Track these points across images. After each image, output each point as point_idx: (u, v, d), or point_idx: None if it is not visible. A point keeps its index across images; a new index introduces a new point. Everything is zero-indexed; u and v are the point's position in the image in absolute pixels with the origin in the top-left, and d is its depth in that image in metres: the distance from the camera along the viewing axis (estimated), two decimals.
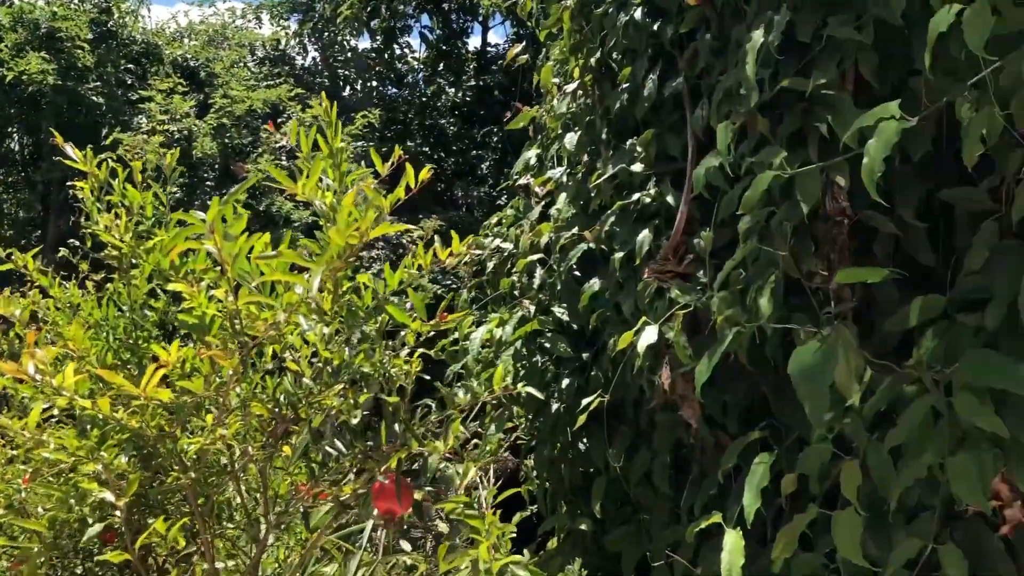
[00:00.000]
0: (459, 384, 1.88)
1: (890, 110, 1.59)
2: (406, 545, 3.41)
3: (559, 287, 2.88)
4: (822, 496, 1.92)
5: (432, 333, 1.63)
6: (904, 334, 1.89)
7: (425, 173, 1.54)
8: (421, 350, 1.99)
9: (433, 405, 1.64)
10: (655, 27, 2.47)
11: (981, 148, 1.63)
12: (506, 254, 3.31)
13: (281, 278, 1.22)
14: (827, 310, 1.84)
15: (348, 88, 19.53)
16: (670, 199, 2.41)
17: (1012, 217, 1.65)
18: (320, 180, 1.46)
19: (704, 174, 2.03)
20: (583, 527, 2.87)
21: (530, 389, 2.13)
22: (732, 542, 1.90)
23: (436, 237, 1.80)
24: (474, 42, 19.77)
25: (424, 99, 18.37)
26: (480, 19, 18.46)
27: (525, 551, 3.53)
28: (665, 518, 2.61)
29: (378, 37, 17.75)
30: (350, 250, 1.26)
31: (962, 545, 1.76)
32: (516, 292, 3.14)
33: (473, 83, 18.25)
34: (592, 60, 2.85)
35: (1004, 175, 1.76)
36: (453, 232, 1.75)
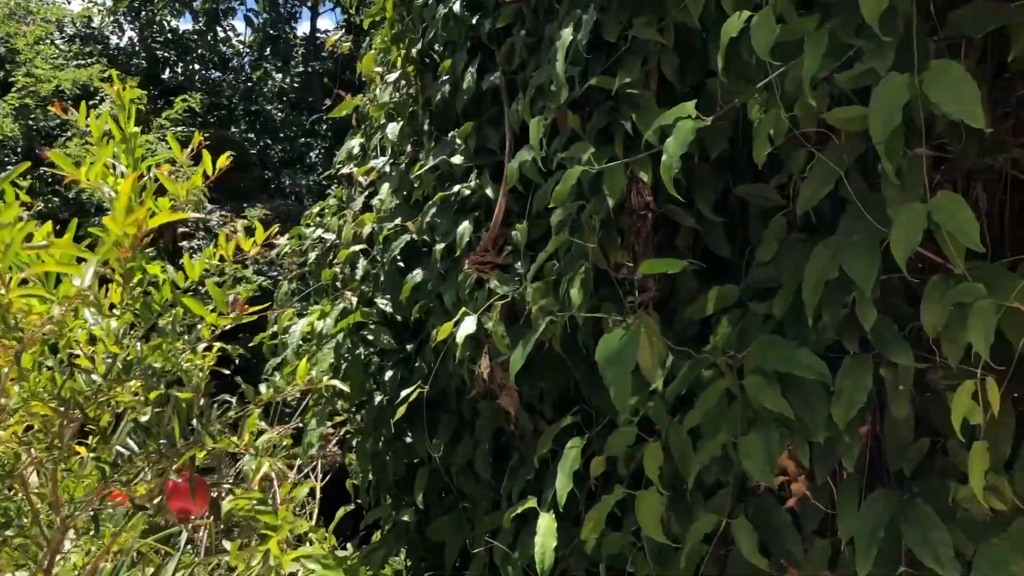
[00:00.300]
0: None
1: (687, 110, 1.68)
2: (229, 545, 3.30)
3: (382, 278, 2.87)
4: (630, 477, 2.00)
5: (229, 326, 1.57)
6: (703, 322, 2.00)
7: (223, 160, 1.49)
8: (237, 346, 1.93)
9: (233, 401, 1.59)
10: (473, 21, 2.50)
11: (769, 147, 1.75)
12: (328, 244, 3.26)
13: (54, 269, 1.15)
14: (631, 299, 1.92)
15: (168, 71, 18.57)
16: (489, 191, 2.44)
17: (796, 212, 1.78)
18: (114, 167, 1.38)
19: (517, 168, 2.07)
20: (406, 518, 2.87)
21: (336, 382, 2.11)
22: (545, 525, 1.95)
23: (257, 227, 1.74)
24: (304, 27, 19.26)
25: (250, 84, 17.75)
26: (309, 4, 18.02)
27: (348, 545, 3.50)
28: (487, 505, 2.66)
29: (200, 18, 16.98)
30: (132, 240, 1.20)
31: (754, 519, 1.89)
32: (338, 283, 3.09)
33: (302, 69, 17.80)
34: (414, 51, 2.85)
35: (791, 173, 1.89)
36: (257, 223, 1.69)
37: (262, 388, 1.71)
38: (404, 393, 2.50)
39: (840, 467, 1.78)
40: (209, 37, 17.64)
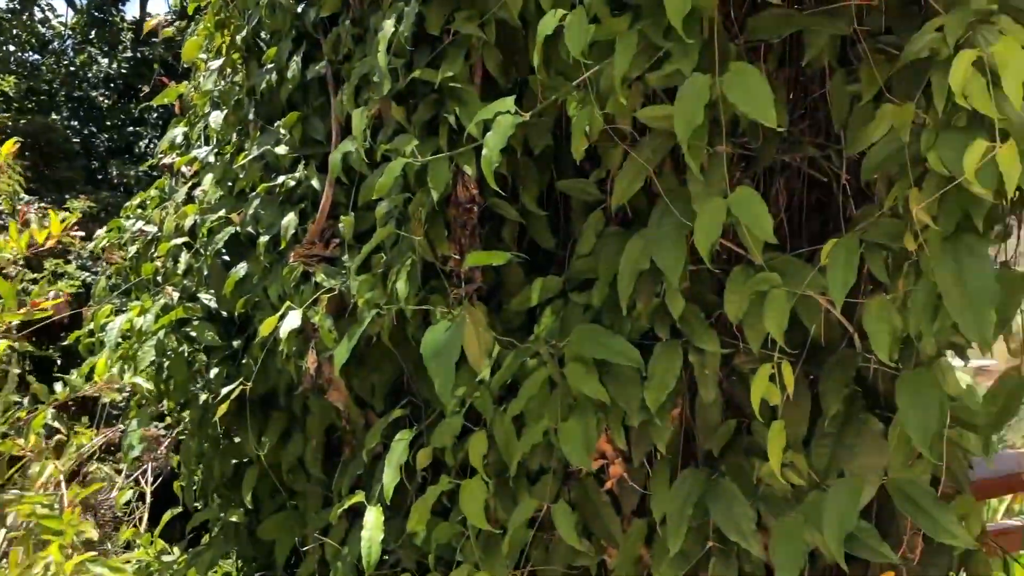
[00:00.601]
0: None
1: (507, 104, 1.71)
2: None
3: (206, 272, 2.76)
4: (458, 467, 2.03)
5: (41, 322, 1.48)
6: (529, 312, 2.05)
7: (8, 146, 1.39)
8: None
9: (24, 401, 1.49)
10: (299, 9, 2.45)
11: (585, 143, 1.81)
12: (150, 237, 3.11)
13: None
14: (457, 291, 1.94)
15: None
16: (315, 183, 2.40)
17: (612, 206, 1.84)
18: None
19: (340, 159, 2.05)
20: (235, 519, 2.79)
21: (139, 380, 2.03)
22: (372, 519, 1.95)
23: (52, 218, 1.64)
24: (133, 10, 18.25)
25: (73, 68, 16.65)
26: None
27: (175, 548, 3.37)
28: (318, 503, 2.62)
29: None
30: None
31: (577, 502, 1.95)
32: (160, 278, 2.96)
33: (130, 54, 16.86)
34: (238, 38, 2.76)
35: (609, 168, 1.96)
36: (52, 212, 1.60)
37: (57, 387, 1.62)
38: (225, 391, 2.43)
39: (656, 449, 1.87)
40: (25, 17, 16.42)
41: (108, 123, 16.01)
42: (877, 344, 1.52)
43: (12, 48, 17.24)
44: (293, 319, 2.19)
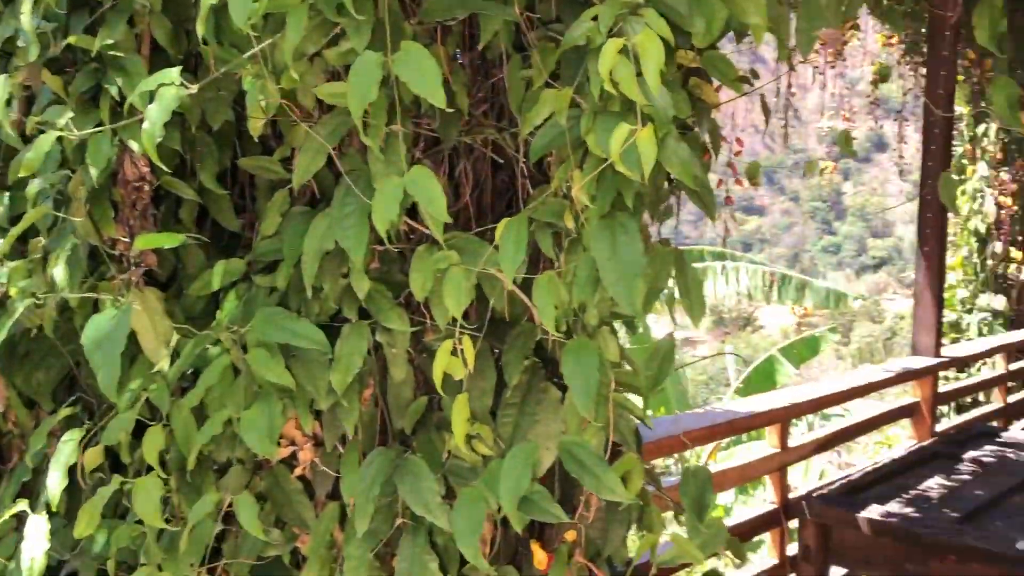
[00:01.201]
0: None
1: (171, 76, 1.61)
2: None
3: None
4: (139, 465, 1.89)
5: None
6: (214, 298, 1.95)
7: None
8: None
9: None
10: None
11: (263, 118, 1.75)
12: None
13: None
14: (122, 277, 1.81)
15: None
16: None
17: (294, 185, 1.80)
18: None
19: None
20: None
21: None
22: (35, 529, 1.77)
23: None
24: None
25: None
26: None
27: None
28: None
29: None
30: None
31: (269, 491, 1.90)
32: None
33: None
34: None
35: (294, 147, 1.91)
36: None
37: None
38: None
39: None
40: None
41: None
42: (544, 316, 1.60)
43: None
44: None
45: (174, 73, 1.60)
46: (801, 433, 5.90)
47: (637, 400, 1.95)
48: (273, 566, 1.89)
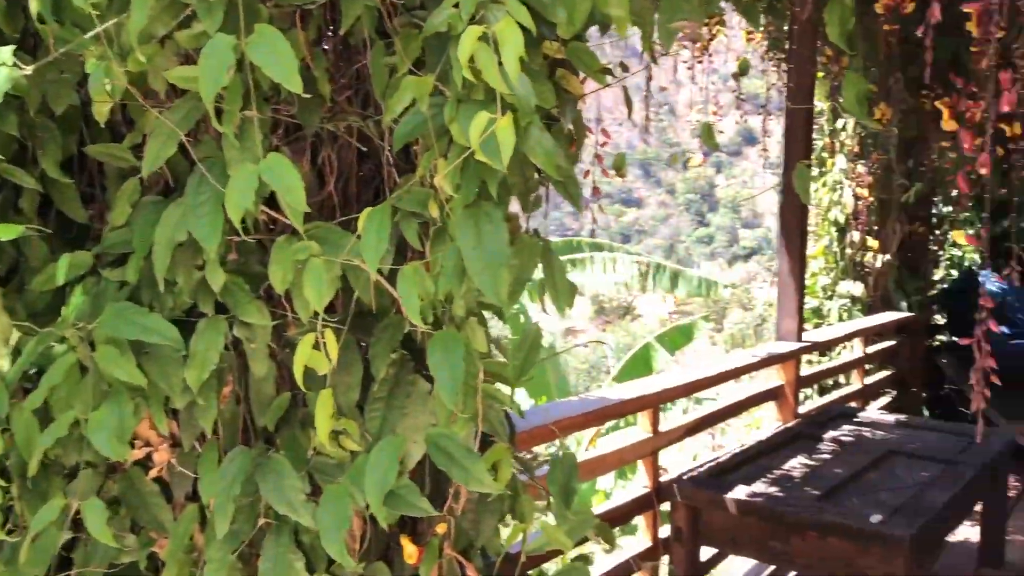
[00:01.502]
0: None
1: (3, 55, 1.50)
2: None
3: None
4: None
5: None
6: (60, 293, 1.84)
7: None
8: None
9: None
10: None
11: (109, 102, 1.65)
12: None
13: None
14: None
15: None
16: None
17: (144, 173, 1.71)
18: None
19: None
20: None
21: None
22: None
23: None
24: None
25: None
26: None
27: None
28: None
29: None
30: None
31: (124, 495, 1.81)
32: None
33: None
34: None
35: (145, 133, 1.81)
36: None
37: None
38: None
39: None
40: None
41: None
42: (409, 307, 1.57)
43: None
44: None
45: (7, 52, 1.49)
46: (676, 418, 6.07)
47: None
48: (128, 573, 1.80)
